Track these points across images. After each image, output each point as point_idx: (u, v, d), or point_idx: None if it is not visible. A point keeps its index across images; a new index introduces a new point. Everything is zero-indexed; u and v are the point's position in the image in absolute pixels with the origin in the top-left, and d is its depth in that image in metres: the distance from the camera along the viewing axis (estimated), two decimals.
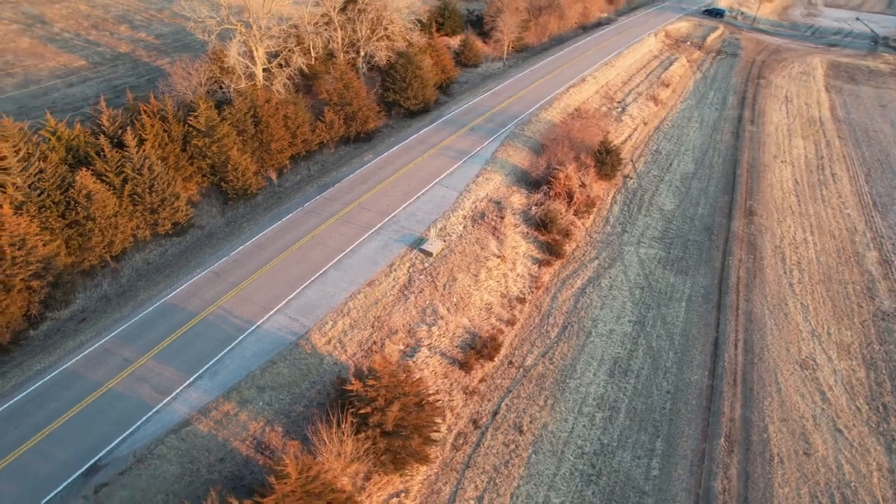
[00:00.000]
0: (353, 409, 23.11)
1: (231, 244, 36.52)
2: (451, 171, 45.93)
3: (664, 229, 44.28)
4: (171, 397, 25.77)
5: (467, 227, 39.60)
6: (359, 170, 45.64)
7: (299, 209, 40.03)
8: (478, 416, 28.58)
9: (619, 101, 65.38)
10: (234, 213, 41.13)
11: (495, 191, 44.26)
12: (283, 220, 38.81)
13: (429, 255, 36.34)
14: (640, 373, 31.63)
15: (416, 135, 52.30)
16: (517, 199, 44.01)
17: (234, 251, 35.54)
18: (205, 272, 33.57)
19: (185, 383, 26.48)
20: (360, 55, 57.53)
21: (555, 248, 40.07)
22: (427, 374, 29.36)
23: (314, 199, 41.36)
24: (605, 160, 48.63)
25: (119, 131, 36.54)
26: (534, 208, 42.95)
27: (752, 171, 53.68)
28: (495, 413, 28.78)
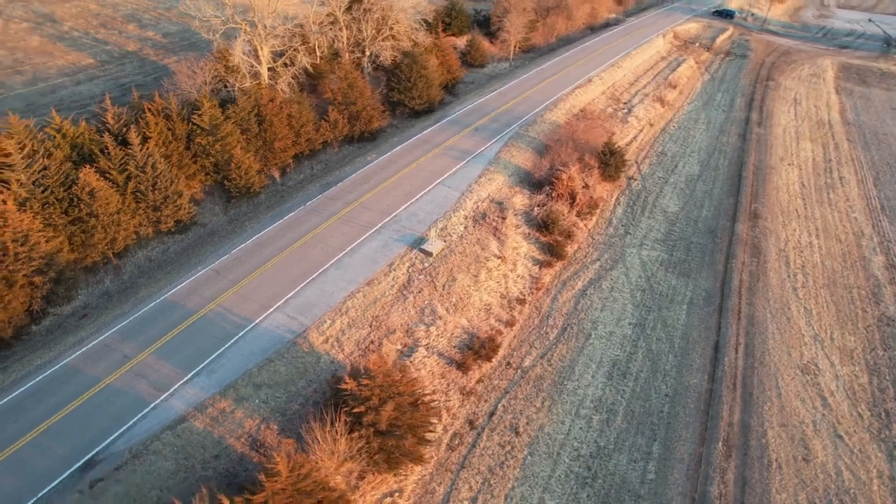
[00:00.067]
0: (346, 408, 23.17)
1: (232, 242, 36.72)
2: (453, 172, 45.92)
3: (667, 231, 44.01)
4: (168, 394, 25.95)
5: (468, 227, 39.57)
6: (361, 169, 45.74)
7: (301, 208, 40.18)
8: (474, 416, 28.55)
9: (625, 103, 65.07)
10: (236, 212, 41.36)
11: (497, 191, 44.19)
12: (284, 218, 38.97)
13: (429, 255, 36.34)
14: (638, 375, 31.46)
15: (420, 134, 52.33)
16: (519, 199, 43.91)
17: (235, 249, 35.74)
18: (205, 270, 33.78)
19: (183, 380, 26.66)
20: (365, 55, 57.64)
21: (556, 250, 39.95)
22: (424, 374, 29.38)
23: (316, 197, 41.51)
24: (609, 161, 48.41)
25: (124, 129, 36.82)
26: (536, 209, 42.84)
27: (758, 174, 53.22)
28: (492, 414, 28.74)
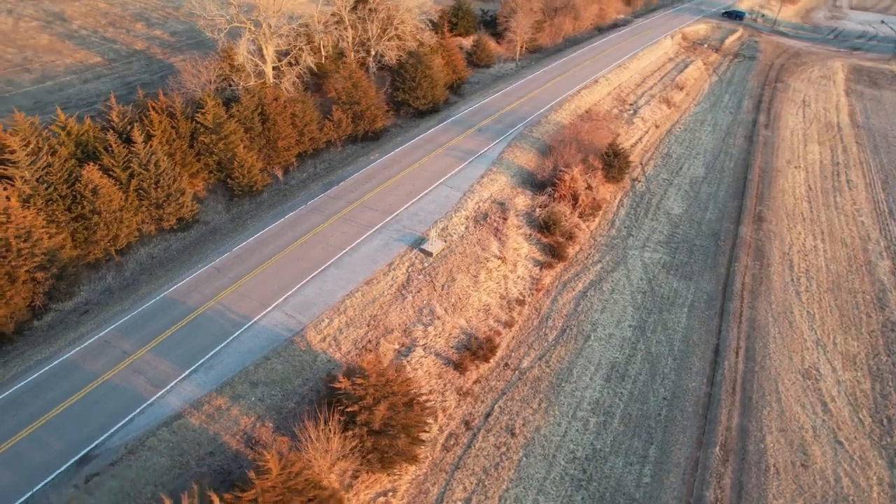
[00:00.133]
0: (341, 407, 23.22)
1: (234, 240, 36.92)
2: (456, 172, 45.90)
3: (670, 234, 43.73)
4: (165, 390, 26.13)
5: (469, 227, 39.53)
6: (364, 168, 45.85)
7: (303, 207, 40.34)
8: (470, 417, 28.51)
9: (631, 104, 64.75)
10: (239, 210, 41.58)
11: (500, 192, 44.12)
12: (286, 217, 39.13)
13: (429, 255, 36.34)
14: (637, 378, 31.28)
15: (424, 134, 52.37)
16: (521, 200, 43.81)
17: (236, 247, 35.93)
18: (206, 267, 33.98)
19: (180, 377, 26.84)
20: (370, 54, 57.75)
21: (557, 251, 39.81)
22: (421, 374, 29.38)
23: (318, 196, 41.65)
24: (613, 163, 48.18)
25: (128, 127, 37.10)
26: (538, 210, 42.72)
27: (764, 177, 52.77)
28: (488, 415, 28.69)
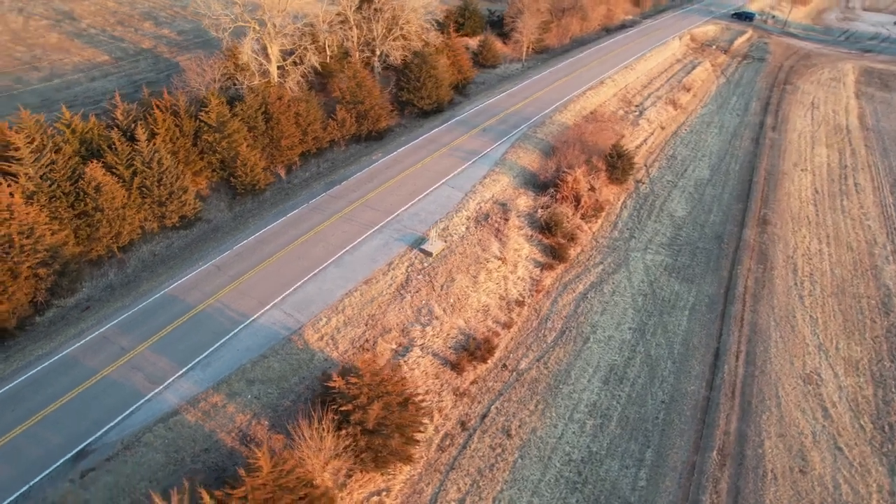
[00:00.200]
0: (335, 406, 23.27)
1: (235, 238, 37.11)
2: (458, 172, 45.87)
3: (673, 236, 43.47)
4: (162, 387, 26.31)
5: (470, 227, 39.49)
6: (367, 168, 45.93)
7: (304, 206, 40.47)
8: (466, 418, 28.47)
9: (637, 105, 64.42)
10: (241, 208, 41.77)
11: (502, 192, 44.04)
12: (287, 216, 39.28)
13: (429, 255, 36.34)
14: (635, 381, 31.11)
15: (428, 134, 52.37)
16: (523, 201, 43.70)
17: (236, 245, 36.11)
18: (206, 265, 34.18)
19: (178, 374, 27.00)
20: (375, 54, 57.85)
21: (558, 252, 39.66)
22: (418, 374, 29.38)
23: (320, 196, 41.77)
24: (617, 164, 47.95)
25: (133, 125, 37.35)
26: (539, 211, 42.58)
27: (770, 179, 52.31)
28: (484, 416, 28.63)
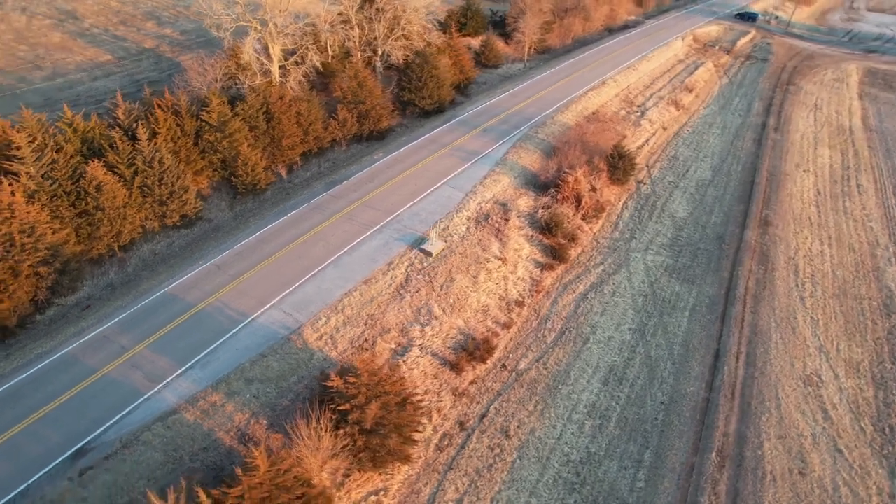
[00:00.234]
0: (333, 406, 23.29)
1: (235, 238, 37.18)
2: (459, 172, 45.86)
3: (674, 237, 43.37)
4: (161, 385, 26.38)
5: (470, 228, 39.48)
6: (367, 168, 45.96)
7: (305, 205, 40.53)
8: (465, 418, 28.46)
9: (638, 105, 64.29)
10: (242, 208, 41.84)
11: (502, 192, 44.01)
12: (287, 215, 39.34)
13: (428, 255, 36.34)
14: (635, 382, 31.05)
15: (429, 134, 52.37)
16: (524, 201, 43.67)
17: (237, 245, 36.18)
18: (206, 264, 34.25)
19: (177, 372, 27.07)
20: (377, 54, 57.88)
21: (559, 252, 39.61)
22: (417, 374, 29.38)
23: (320, 195, 41.82)
24: (618, 165, 47.88)
25: (134, 124, 37.42)
26: (540, 211, 42.54)
27: (772, 180, 52.15)
28: (483, 416, 28.62)
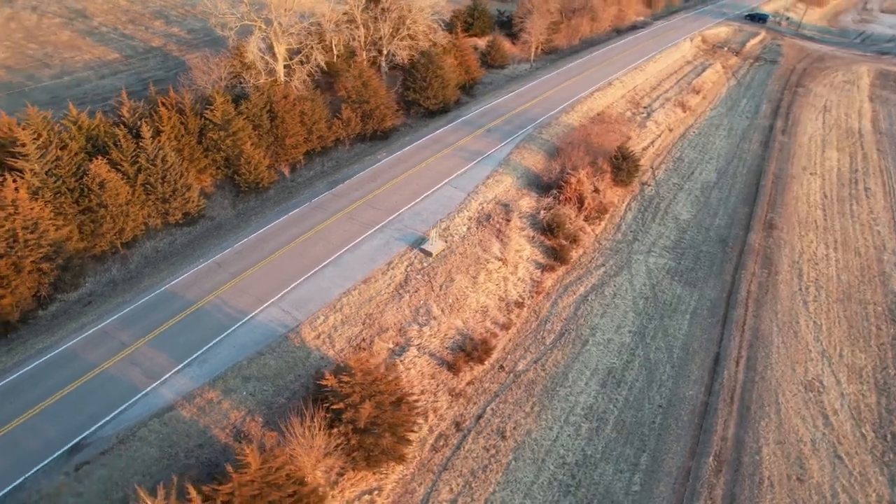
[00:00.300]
0: (327, 404, 23.35)
1: (236, 236, 37.36)
2: (461, 172, 45.82)
3: (677, 239, 43.09)
4: (159, 382, 26.55)
5: (471, 228, 39.43)
6: (370, 167, 46.02)
7: (306, 204, 40.66)
8: (461, 418, 28.43)
9: (645, 107, 63.93)
10: (245, 206, 42.03)
11: (504, 193, 43.93)
12: (289, 214, 39.48)
13: (429, 255, 36.34)
14: (633, 385, 30.89)
15: (433, 134, 52.37)
16: (526, 202, 43.55)
17: (238, 243, 36.36)
18: (207, 262, 34.45)
19: (175, 369, 27.25)
20: (382, 54, 57.95)
21: (560, 254, 39.47)
22: (414, 373, 29.39)
23: (323, 194, 41.94)
24: (622, 166, 47.64)
25: (138, 122, 37.72)
26: (542, 212, 42.39)
27: (778, 183, 51.68)
28: (479, 417, 28.57)
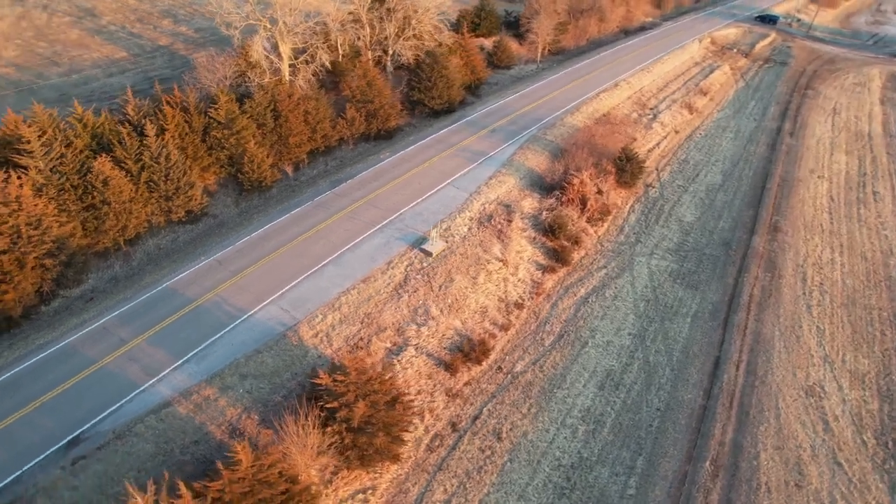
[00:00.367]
0: (321, 403, 23.41)
1: (238, 234, 37.55)
2: (464, 173, 45.79)
3: (680, 241, 42.81)
4: (156, 378, 26.76)
5: (472, 228, 39.38)
6: (373, 167, 46.10)
7: (308, 203, 40.81)
8: (457, 419, 28.40)
9: (651, 108, 63.58)
10: (247, 204, 42.23)
11: (507, 194, 43.84)
12: (291, 213, 39.64)
13: (429, 255, 36.34)
14: (631, 387, 30.72)
15: (436, 134, 52.37)
16: (529, 203, 43.44)
17: (239, 241, 36.55)
18: (208, 260, 34.66)
19: (173, 366, 27.43)
20: (387, 53, 58.04)
21: (561, 255, 39.33)
22: (411, 373, 29.41)
23: (325, 193, 42.07)
24: (626, 167, 47.42)
25: (143, 120, 37.95)
26: (544, 213, 42.27)
27: (784, 186, 51.20)
28: (476, 417, 28.53)
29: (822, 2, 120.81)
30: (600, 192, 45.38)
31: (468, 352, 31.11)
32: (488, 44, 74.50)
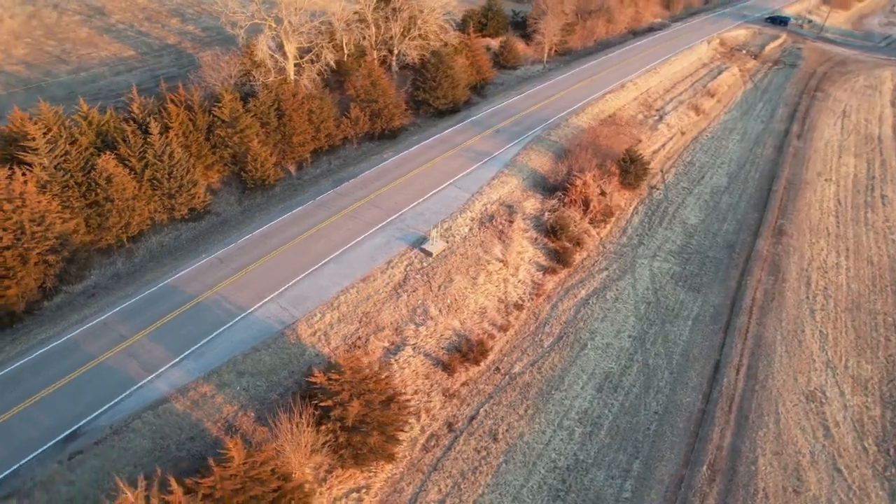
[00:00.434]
0: (316, 402, 23.48)
1: (240, 232, 37.75)
2: (467, 173, 45.76)
3: (684, 244, 42.53)
4: (155, 375, 26.95)
5: (473, 229, 39.35)
6: (376, 166, 46.18)
7: (311, 202, 40.94)
8: (454, 419, 28.38)
9: (657, 110, 63.22)
10: (250, 203, 42.45)
11: (509, 194, 43.76)
12: (293, 211, 39.79)
13: (429, 255, 36.34)
14: (630, 390, 30.55)
15: (440, 134, 52.36)
16: (531, 203, 43.34)
17: (241, 239, 36.74)
18: (209, 257, 34.88)
19: (171, 362, 27.63)
20: (392, 53, 58.12)
21: (563, 256, 39.20)
22: (408, 373, 29.42)
23: (327, 192, 42.20)
24: (630, 169, 47.23)
25: (148, 118, 38.31)
26: (546, 214, 42.16)
27: (790, 189, 50.72)
28: (472, 418, 28.50)
29: (835, 3, 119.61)
30: (603, 193, 45.22)
31: (466, 352, 31.08)
32: (495, 44, 74.44)
